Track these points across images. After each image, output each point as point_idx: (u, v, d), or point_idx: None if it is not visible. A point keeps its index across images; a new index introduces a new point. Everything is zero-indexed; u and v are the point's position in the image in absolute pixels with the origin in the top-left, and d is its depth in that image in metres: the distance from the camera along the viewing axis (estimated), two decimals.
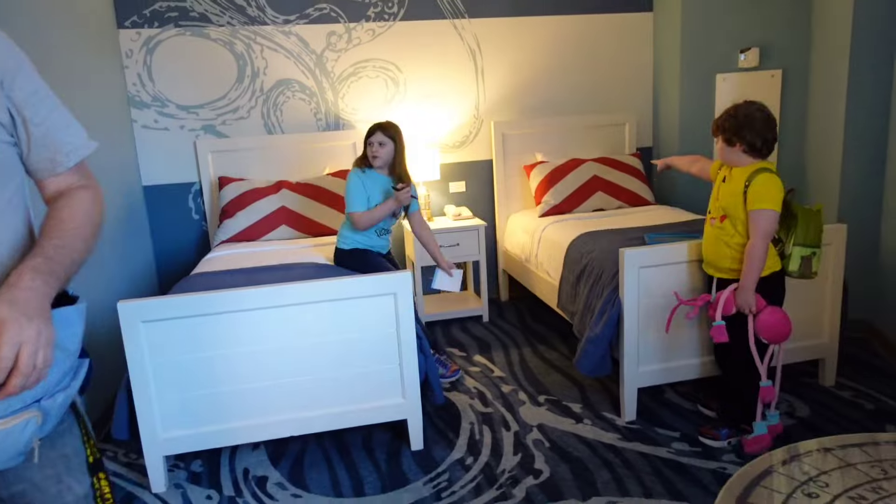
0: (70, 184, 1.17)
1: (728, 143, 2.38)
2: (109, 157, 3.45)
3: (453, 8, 4.16)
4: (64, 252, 1.01)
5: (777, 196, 2.30)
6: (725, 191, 2.42)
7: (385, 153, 3.03)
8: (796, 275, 2.42)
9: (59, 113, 1.14)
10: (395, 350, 2.50)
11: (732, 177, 2.41)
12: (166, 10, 3.80)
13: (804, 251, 2.39)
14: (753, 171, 2.34)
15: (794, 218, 2.42)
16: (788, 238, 2.42)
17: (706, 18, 4.06)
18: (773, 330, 2.35)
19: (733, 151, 2.39)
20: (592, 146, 4.43)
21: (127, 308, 2.23)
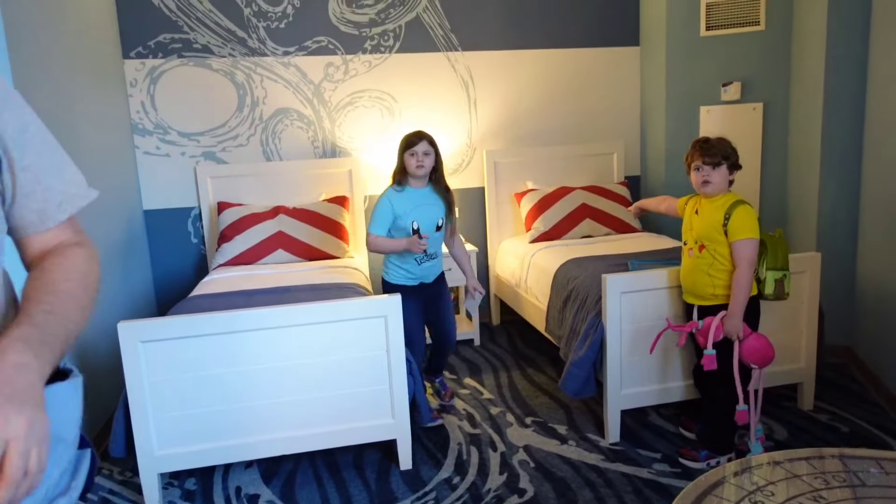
0: (61, 241, 0.94)
1: (731, 170, 2.51)
2: (112, 183, 3.56)
3: (447, 41, 4.32)
4: (57, 320, 0.78)
5: (756, 226, 2.45)
6: (700, 222, 2.54)
7: (429, 163, 2.88)
8: (772, 297, 2.54)
9: (52, 155, 0.91)
10: (386, 372, 2.59)
11: (704, 208, 2.55)
12: (170, 42, 3.95)
13: (776, 274, 2.52)
14: (731, 203, 2.47)
15: (763, 245, 2.55)
16: (760, 264, 2.54)
17: (689, 54, 4.23)
18: (759, 354, 2.46)
19: (729, 178, 2.53)
20: (581, 174, 4.57)
21: (127, 328, 2.32)
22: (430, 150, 2.88)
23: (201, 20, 3.98)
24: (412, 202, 2.91)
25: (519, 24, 4.40)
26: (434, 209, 2.94)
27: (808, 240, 3.76)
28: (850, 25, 3.50)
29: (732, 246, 2.45)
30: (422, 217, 2.91)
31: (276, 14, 4.07)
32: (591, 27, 4.51)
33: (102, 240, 3.29)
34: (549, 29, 4.45)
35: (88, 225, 3.09)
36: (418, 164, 2.86)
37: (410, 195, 2.93)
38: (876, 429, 2.83)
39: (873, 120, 3.40)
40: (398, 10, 4.22)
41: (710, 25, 4.18)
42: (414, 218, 2.89)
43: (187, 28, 3.96)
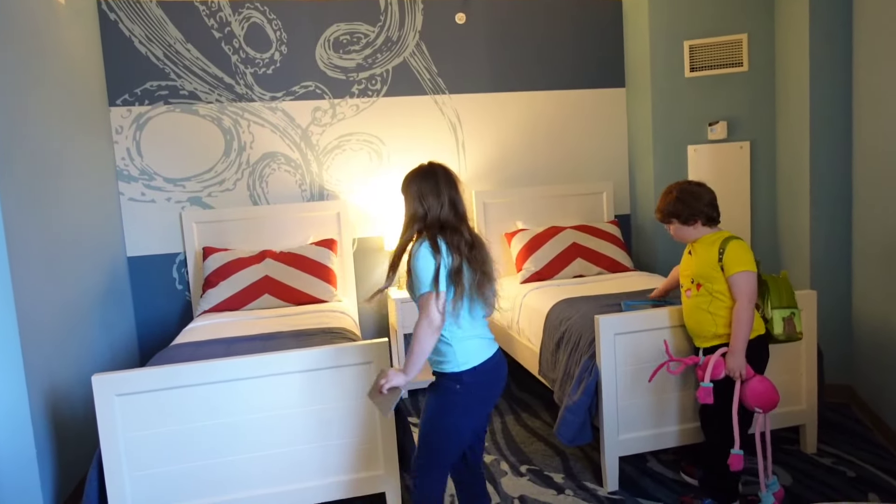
0: None
1: (685, 224, 2.49)
2: (95, 229, 3.50)
3: (434, 85, 4.35)
4: None
5: (751, 258, 2.40)
6: (695, 261, 2.51)
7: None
8: (783, 337, 2.47)
9: None
10: (374, 421, 2.49)
11: (697, 249, 2.52)
12: (157, 89, 3.95)
13: (783, 312, 2.47)
14: (723, 239, 2.43)
15: (765, 285, 2.51)
16: (765, 304, 2.50)
17: (674, 94, 4.27)
18: (764, 398, 2.37)
19: (693, 229, 2.50)
20: (571, 214, 4.54)
21: (101, 381, 2.22)
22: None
23: (188, 67, 3.98)
24: None
25: (505, 67, 4.44)
26: None
27: (801, 277, 3.72)
28: (831, 66, 3.54)
29: (730, 281, 2.40)
30: None
31: (264, 60, 4.09)
32: (577, 69, 4.56)
33: (84, 288, 3.21)
34: (536, 71, 4.49)
35: (69, 273, 3.02)
36: None
37: None
38: (882, 472, 2.73)
39: (861, 156, 3.41)
40: (385, 55, 4.25)
41: (693, 67, 4.23)
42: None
43: (174, 75, 3.97)
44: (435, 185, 2.04)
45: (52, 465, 2.60)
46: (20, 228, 2.55)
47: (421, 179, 2.06)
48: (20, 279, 2.50)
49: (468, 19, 4.35)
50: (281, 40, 4.09)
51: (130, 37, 3.89)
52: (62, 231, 3.00)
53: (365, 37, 4.21)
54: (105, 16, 3.84)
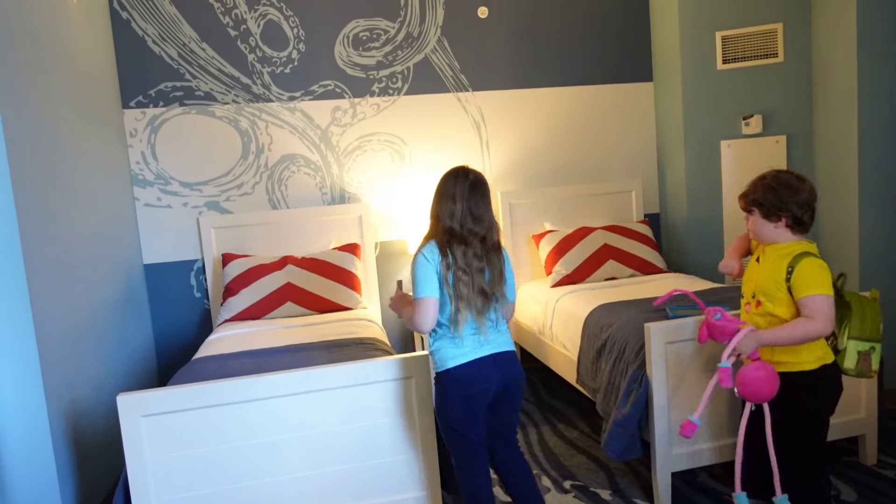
0: None
1: (767, 218, 2.07)
2: (110, 237, 3.37)
3: (457, 82, 4.20)
4: None
5: (828, 280, 1.99)
6: (761, 273, 2.13)
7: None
8: (853, 373, 2.13)
9: None
10: (415, 438, 2.34)
11: (767, 257, 2.12)
12: (172, 90, 3.81)
13: (861, 346, 2.09)
14: (795, 255, 2.02)
15: (848, 308, 2.14)
16: (842, 331, 2.15)
17: (706, 88, 4.11)
18: (754, 386, 2.01)
19: (775, 229, 2.07)
20: (600, 214, 4.39)
21: (127, 402, 2.09)
22: None
23: (204, 67, 3.85)
24: None
25: (529, 63, 4.29)
26: None
27: (850, 278, 3.56)
28: (881, 53, 3.38)
29: (801, 304, 1.99)
30: None
31: (281, 59, 3.95)
32: (603, 63, 4.40)
33: (101, 298, 3.07)
34: (560, 66, 4.33)
35: (85, 283, 2.89)
36: None
37: None
38: None
39: None
40: (406, 51, 4.10)
41: (726, 59, 4.07)
42: None
43: (189, 76, 3.83)
44: (453, 192, 2.05)
45: (73, 483, 2.47)
46: (35, 238, 2.42)
47: (444, 183, 2.11)
48: (37, 292, 2.36)
49: (490, 13, 4.20)
50: (298, 38, 3.95)
51: (144, 36, 3.75)
52: (77, 239, 2.86)
53: (385, 33, 4.07)
54: (117, 15, 3.71)
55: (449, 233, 2.02)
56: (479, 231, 2.03)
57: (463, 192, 2.04)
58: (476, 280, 2.00)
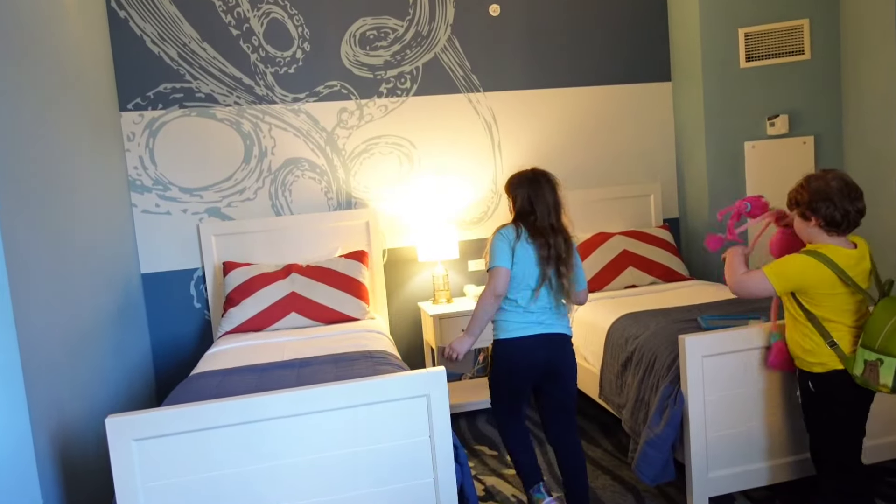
0: None
1: (803, 218, 2.12)
2: (106, 245, 3.19)
3: (468, 82, 4.03)
4: None
5: (786, 275, 2.08)
6: None
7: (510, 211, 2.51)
8: (860, 381, 2.03)
9: None
10: (430, 461, 2.15)
11: None
12: (171, 92, 3.65)
13: (868, 355, 2.00)
14: (804, 250, 2.11)
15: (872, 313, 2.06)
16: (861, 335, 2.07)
17: (728, 87, 3.93)
18: (784, 248, 2.24)
19: (810, 228, 2.11)
20: (617, 219, 4.21)
21: (116, 424, 1.90)
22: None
23: (205, 68, 3.69)
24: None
25: (543, 62, 4.12)
26: None
27: None
28: None
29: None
30: None
31: (285, 59, 3.79)
32: (619, 63, 4.23)
33: (95, 309, 2.90)
34: (575, 66, 4.17)
35: (79, 293, 2.70)
36: None
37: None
38: None
39: None
40: (415, 51, 3.94)
41: (749, 56, 3.90)
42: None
43: (189, 77, 3.67)
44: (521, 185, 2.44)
45: None
46: (22, 246, 2.24)
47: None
48: (22, 303, 2.19)
49: (502, 11, 4.03)
50: (303, 37, 3.79)
51: (142, 36, 3.60)
52: (70, 248, 2.69)
53: (393, 32, 3.90)
54: (114, 13, 3.55)
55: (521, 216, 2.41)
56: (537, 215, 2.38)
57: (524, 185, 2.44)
58: (547, 257, 2.34)
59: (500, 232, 2.37)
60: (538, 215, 2.35)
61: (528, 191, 2.38)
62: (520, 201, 2.40)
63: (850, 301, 2.07)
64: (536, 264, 2.32)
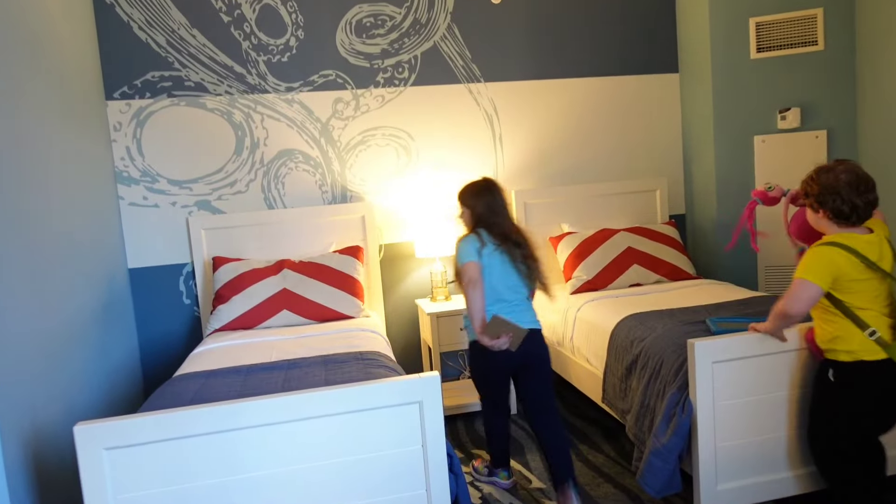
0: None
1: (813, 210, 2.10)
2: (92, 239, 3.07)
3: (468, 72, 3.89)
4: None
5: (818, 267, 1.99)
6: None
7: (464, 220, 2.64)
8: None
9: None
10: (422, 472, 2.03)
11: None
12: (159, 80, 3.52)
13: None
14: (820, 242, 2.05)
15: None
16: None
17: (738, 79, 3.79)
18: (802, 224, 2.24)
19: (820, 219, 2.11)
20: (622, 215, 4.07)
21: (86, 432, 1.78)
22: (460, 209, 2.66)
23: (194, 56, 3.55)
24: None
25: (546, 52, 3.97)
26: None
27: None
28: None
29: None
30: None
31: (278, 47, 3.65)
32: (625, 53, 4.08)
33: (77, 306, 2.77)
34: (579, 56, 4.02)
35: (63, 288, 2.57)
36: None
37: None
38: None
39: None
40: (413, 39, 3.80)
41: (760, 47, 3.75)
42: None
43: (178, 64, 3.53)
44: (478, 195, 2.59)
45: None
46: None
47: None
48: None
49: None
50: (297, 24, 3.65)
51: (129, 22, 3.46)
52: (50, 242, 2.56)
53: (390, 19, 3.76)
54: None
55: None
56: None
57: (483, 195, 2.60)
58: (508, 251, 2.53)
59: (464, 239, 2.50)
60: (498, 222, 2.51)
61: (487, 199, 2.53)
62: (479, 210, 2.54)
63: (879, 287, 2.04)
64: (512, 268, 2.50)
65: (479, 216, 2.53)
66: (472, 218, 2.56)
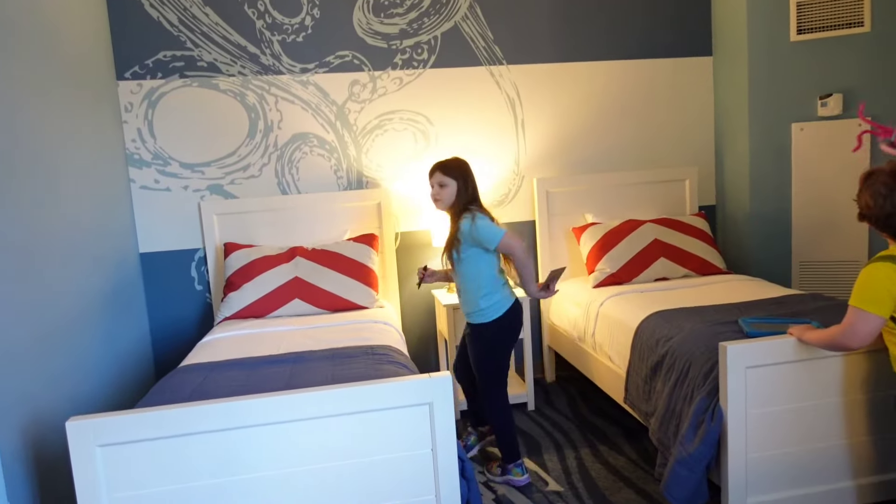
0: None
1: (878, 228, 1.91)
2: (103, 222, 3.00)
3: (490, 54, 3.73)
4: None
5: (871, 292, 1.81)
6: None
7: (446, 195, 2.60)
8: None
9: None
10: (431, 476, 1.92)
11: None
12: (171, 60, 3.42)
13: None
14: (875, 259, 1.87)
15: None
16: None
17: (776, 63, 3.57)
18: None
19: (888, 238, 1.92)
20: (649, 205, 3.90)
21: (78, 428, 1.69)
22: (445, 181, 2.59)
23: (207, 35, 3.44)
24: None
25: (572, 33, 3.79)
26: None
27: None
28: None
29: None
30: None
31: (293, 26, 3.52)
32: (655, 35, 3.88)
33: (89, 289, 2.71)
34: (606, 38, 3.83)
35: (74, 273, 2.49)
36: (434, 198, 2.64)
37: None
38: None
39: None
40: (433, 18, 3.64)
41: (801, 28, 3.53)
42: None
43: (191, 44, 3.43)
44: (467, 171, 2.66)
45: None
46: None
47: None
48: None
49: None
50: (312, 2, 3.52)
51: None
52: (54, 225, 2.48)
53: None
54: None
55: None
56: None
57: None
58: None
59: (479, 218, 2.50)
60: (480, 200, 2.62)
61: (472, 176, 2.61)
62: (473, 185, 2.59)
63: None
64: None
65: (472, 192, 2.58)
66: (464, 193, 2.56)
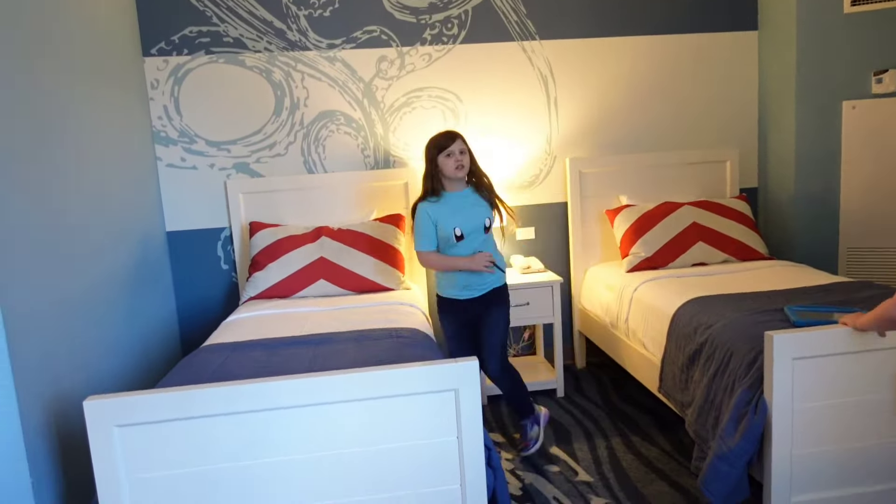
0: None
1: None
2: (130, 200, 2.98)
3: (522, 29, 3.59)
4: None
5: None
6: None
7: (467, 161, 2.62)
8: None
9: None
10: (457, 464, 1.85)
11: None
12: (197, 36, 3.36)
13: None
14: None
15: None
16: None
17: (827, 36, 3.37)
18: None
19: None
20: (686, 187, 3.74)
21: (97, 408, 1.66)
22: (465, 149, 2.62)
23: (233, 10, 3.38)
24: (451, 207, 2.62)
25: (608, 6, 3.63)
26: (479, 209, 2.65)
27: None
28: None
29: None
30: (466, 221, 2.61)
31: (320, 1, 3.43)
32: (696, 7, 3.69)
33: (117, 266, 2.69)
34: (644, 12, 3.66)
35: (102, 249, 2.43)
36: (458, 165, 2.58)
37: (449, 200, 2.64)
38: None
39: None
40: None
41: (856, 0, 3.31)
42: (456, 224, 2.60)
43: (217, 19, 3.37)
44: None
45: (54, 497, 2.09)
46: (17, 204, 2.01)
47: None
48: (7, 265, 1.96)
49: None
50: None
51: None
52: (81, 203, 2.46)
53: None
54: None
55: None
56: None
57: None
58: None
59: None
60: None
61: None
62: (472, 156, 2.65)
63: None
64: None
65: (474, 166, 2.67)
66: (470, 164, 2.63)
